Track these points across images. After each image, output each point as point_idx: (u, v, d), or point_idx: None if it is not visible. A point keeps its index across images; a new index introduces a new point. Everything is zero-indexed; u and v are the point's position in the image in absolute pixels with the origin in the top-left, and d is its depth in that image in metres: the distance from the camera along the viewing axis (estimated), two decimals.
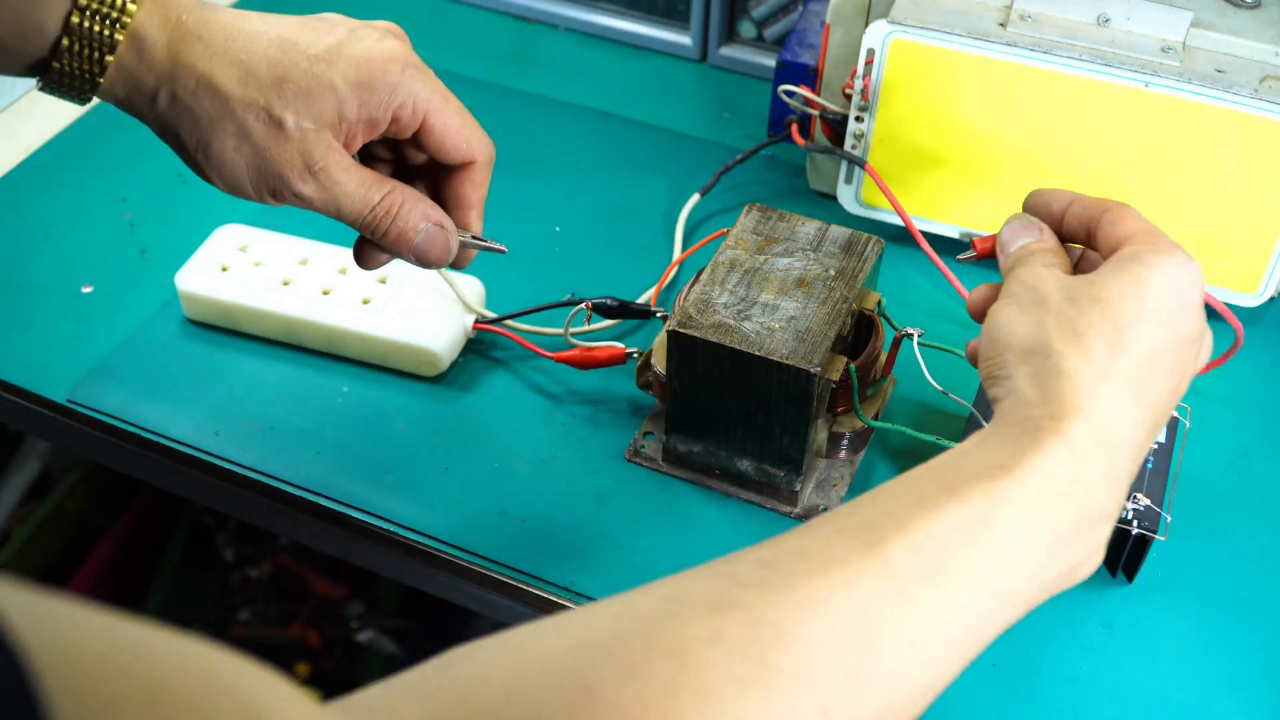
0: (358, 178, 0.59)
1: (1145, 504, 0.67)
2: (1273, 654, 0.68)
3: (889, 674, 0.44)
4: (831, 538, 0.47)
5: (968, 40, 0.80)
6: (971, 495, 0.48)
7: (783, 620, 0.43)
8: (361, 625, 1.45)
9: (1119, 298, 0.53)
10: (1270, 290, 0.82)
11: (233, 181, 0.58)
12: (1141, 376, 0.52)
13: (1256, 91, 0.77)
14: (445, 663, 0.41)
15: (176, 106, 0.57)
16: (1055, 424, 0.50)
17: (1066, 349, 0.52)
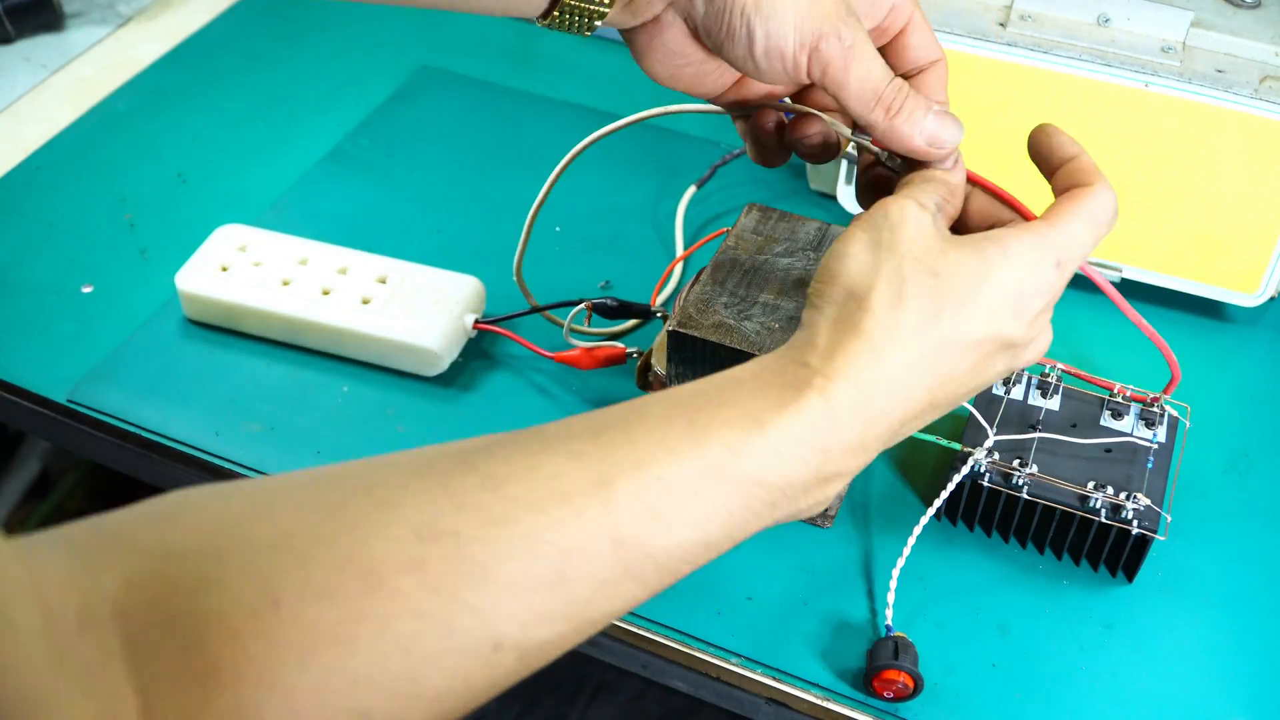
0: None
1: (1145, 504, 0.67)
2: (1273, 654, 0.68)
3: (572, 609, 0.46)
4: (566, 463, 0.47)
5: (968, 40, 0.80)
6: (714, 447, 0.48)
7: (488, 559, 0.44)
8: None
9: (955, 278, 0.51)
10: (1270, 290, 0.82)
11: (779, 31, 0.55)
12: (938, 362, 0.51)
13: (1256, 91, 0.77)
14: (157, 513, 0.43)
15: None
16: (824, 383, 0.50)
17: (879, 309, 0.51)
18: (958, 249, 0.52)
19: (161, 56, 1.09)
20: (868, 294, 0.51)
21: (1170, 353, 0.66)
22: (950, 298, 0.51)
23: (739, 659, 0.67)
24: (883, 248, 0.52)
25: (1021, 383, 0.74)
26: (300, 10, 1.15)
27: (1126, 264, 0.84)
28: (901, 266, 0.51)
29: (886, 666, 0.64)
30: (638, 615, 0.69)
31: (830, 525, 0.73)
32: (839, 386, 0.50)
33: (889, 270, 0.51)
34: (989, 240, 0.53)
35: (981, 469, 0.69)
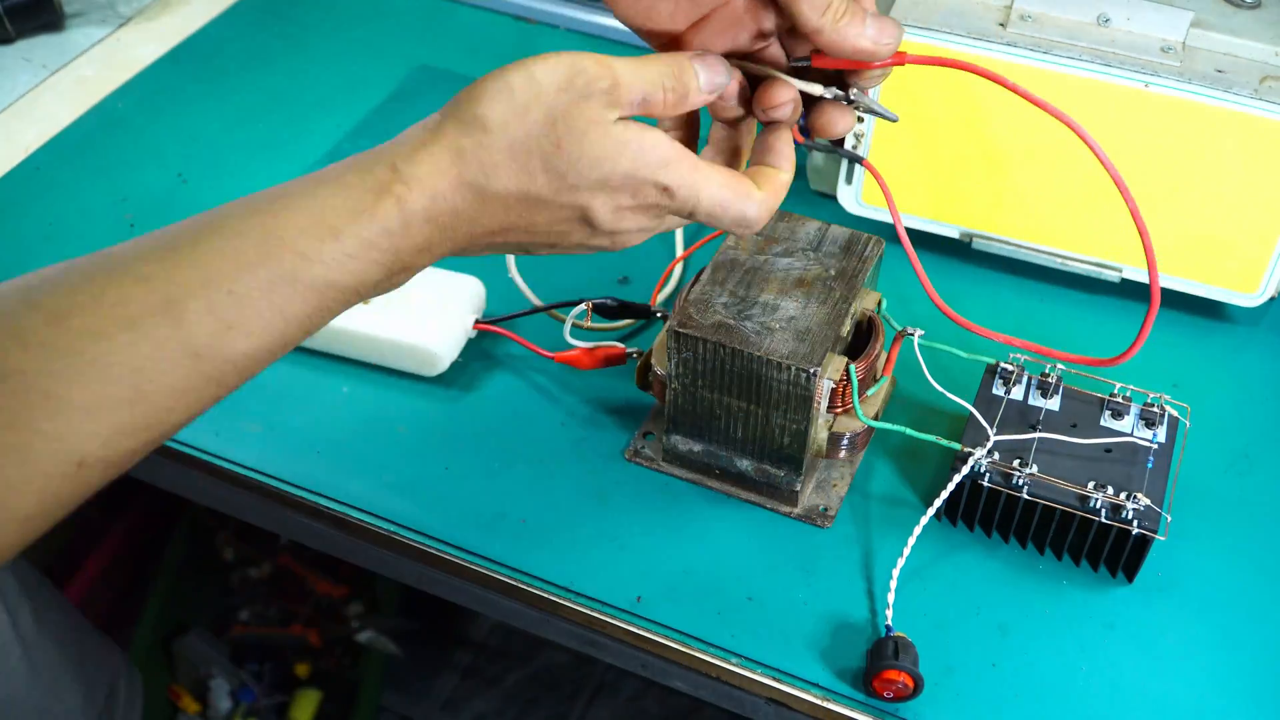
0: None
1: (1145, 504, 0.67)
2: (1273, 654, 0.68)
3: (153, 419, 0.49)
4: (132, 287, 0.49)
5: (968, 40, 0.80)
6: (287, 256, 0.50)
7: (55, 387, 0.47)
8: (361, 625, 1.45)
9: (575, 155, 0.53)
10: (1270, 290, 0.82)
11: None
12: (516, 209, 0.54)
13: (1256, 91, 0.77)
14: None
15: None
16: (404, 190, 0.52)
17: (488, 152, 0.53)
18: (603, 135, 0.54)
19: (161, 56, 1.09)
20: (494, 129, 0.53)
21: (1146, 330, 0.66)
22: (559, 169, 0.54)
23: (739, 659, 0.67)
24: (540, 101, 0.53)
25: (1022, 383, 0.74)
26: (300, 10, 1.15)
27: (1126, 264, 0.84)
28: (538, 126, 0.53)
29: (886, 666, 0.64)
30: (637, 615, 0.69)
31: (830, 525, 0.73)
32: (416, 196, 0.52)
33: (529, 122, 0.53)
34: (644, 136, 0.55)
35: (981, 469, 0.69)
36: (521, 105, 0.54)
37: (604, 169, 0.54)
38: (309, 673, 1.45)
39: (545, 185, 0.54)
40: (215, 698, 1.42)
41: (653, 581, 0.70)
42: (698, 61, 0.58)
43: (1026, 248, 0.86)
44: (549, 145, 0.53)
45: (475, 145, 0.53)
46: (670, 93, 0.57)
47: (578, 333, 0.79)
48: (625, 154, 0.54)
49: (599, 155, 0.54)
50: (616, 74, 0.55)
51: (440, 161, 0.53)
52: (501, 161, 0.54)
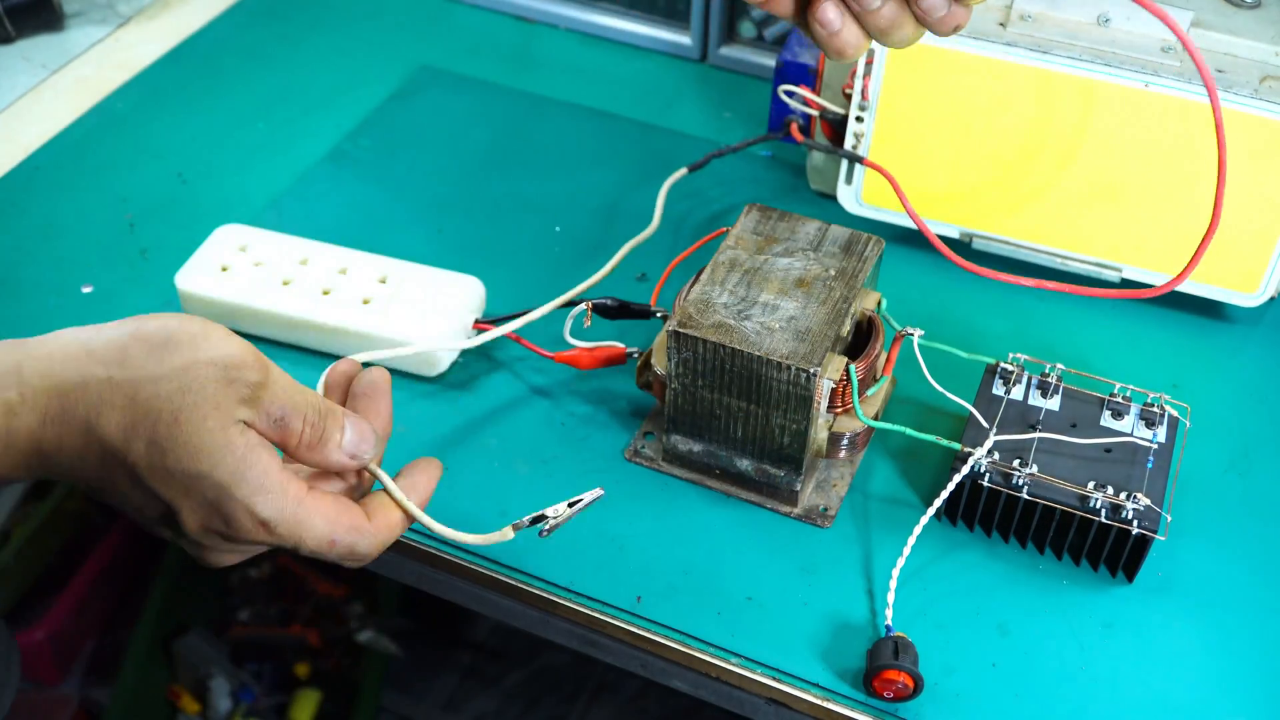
0: None
1: (1145, 504, 0.67)
2: (1273, 654, 0.68)
3: None
4: None
5: (968, 40, 0.80)
6: None
7: None
8: (361, 625, 1.45)
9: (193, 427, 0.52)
10: (1270, 290, 0.82)
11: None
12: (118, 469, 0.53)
13: (1256, 91, 0.77)
14: None
15: None
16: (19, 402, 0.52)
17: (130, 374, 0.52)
18: (220, 429, 0.52)
19: (161, 56, 1.09)
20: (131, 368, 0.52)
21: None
22: (164, 445, 0.52)
23: (739, 659, 0.67)
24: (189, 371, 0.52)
25: (1021, 383, 0.74)
26: (300, 10, 1.15)
27: (1126, 264, 0.84)
28: (171, 390, 0.51)
29: (886, 666, 0.64)
30: (637, 615, 0.69)
31: (830, 525, 0.73)
32: (26, 412, 0.52)
33: (166, 383, 0.52)
34: (251, 452, 0.53)
35: (981, 469, 0.69)
36: (168, 360, 0.52)
37: (201, 466, 0.52)
38: (309, 673, 1.45)
39: (141, 456, 0.52)
40: (215, 698, 1.42)
41: (653, 581, 0.70)
42: (349, 419, 0.57)
43: (1026, 248, 0.86)
44: (168, 414, 0.51)
45: (104, 378, 0.52)
46: (310, 427, 0.55)
47: (578, 332, 0.79)
48: (226, 460, 0.52)
49: (202, 448, 0.52)
50: (270, 377, 0.54)
51: (63, 384, 0.52)
52: (118, 405, 0.52)
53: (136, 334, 0.53)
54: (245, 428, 0.53)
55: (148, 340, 0.52)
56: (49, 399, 0.52)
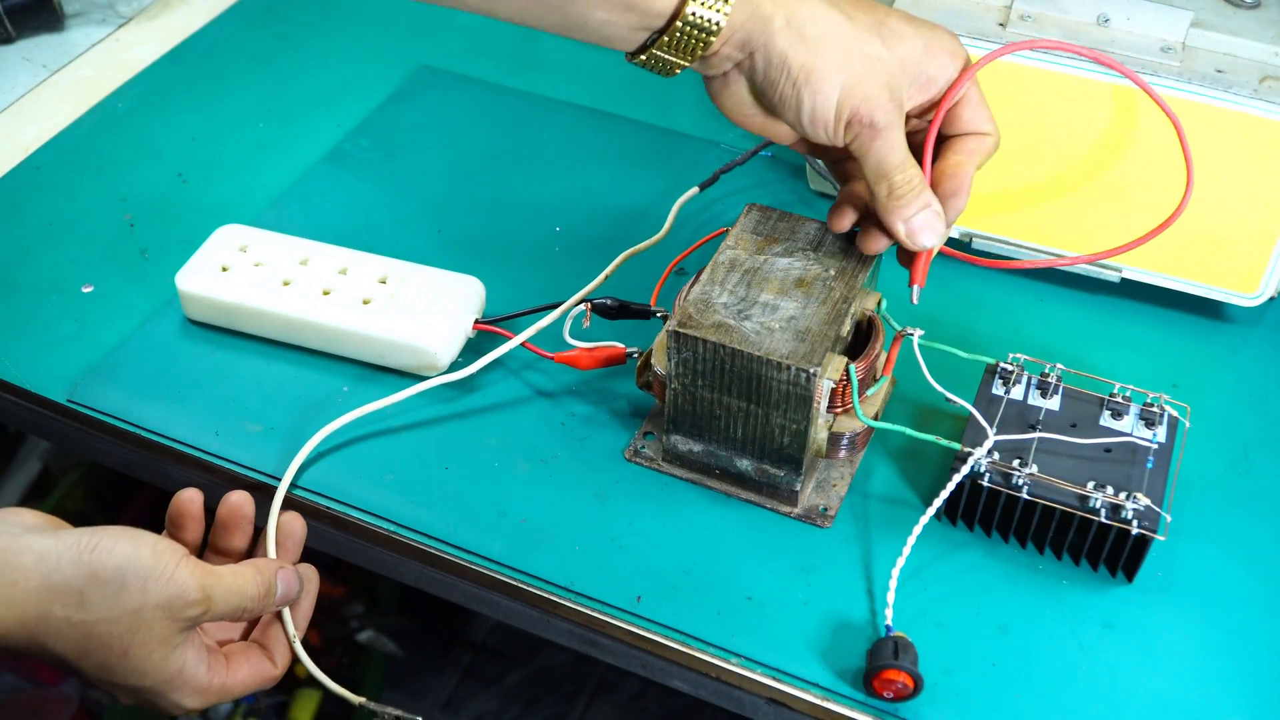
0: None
1: (1145, 504, 0.67)
2: (1273, 654, 0.68)
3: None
4: None
5: (968, 40, 0.80)
6: None
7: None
8: (361, 625, 1.45)
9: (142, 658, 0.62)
10: (1270, 290, 0.82)
11: (824, 105, 0.64)
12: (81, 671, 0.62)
13: (1256, 91, 0.77)
14: None
15: (792, 31, 0.63)
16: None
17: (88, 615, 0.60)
18: (164, 658, 0.61)
19: (161, 56, 1.09)
20: (88, 609, 0.59)
21: None
22: (111, 668, 0.61)
23: (739, 659, 0.67)
24: (141, 613, 0.60)
25: (1021, 383, 0.74)
26: (300, 10, 1.15)
27: (1126, 264, 0.84)
28: (122, 628, 0.60)
29: (886, 666, 0.64)
30: (637, 615, 0.69)
31: (830, 525, 0.73)
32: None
33: (118, 623, 0.60)
34: (187, 666, 0.63)
35: (981, 469, 0.69)
36: (122, 605, 0.60)
37: (144, 683, 0.61)
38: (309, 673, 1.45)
39: (93, 669, 0.60)
40: None
41: (653, 581, 0.70)
42: (280, 578, 0.67)
43: (1026, 248, 0.86)
44: (119, 649, 0.60)
45: (64, 619, 0.59)
46: (249, 613, 0.65)
47: (578, 332, 0.79)
48: (164, 677, 0.62)
49: (148, 671, 0.61)
50: (211, 603, 0.62)
51: (27, 614, 0.58)
52: (76, 639, 0.59)
53: (94, 577, 0.59)
54: (184, 645, 0.62)
55: (105, 585, 0.59)
56: (11, 626, 0.58)
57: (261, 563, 0.66)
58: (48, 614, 0.59)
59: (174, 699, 0.63)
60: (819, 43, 0.63)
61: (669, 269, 0.84)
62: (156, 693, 0.62)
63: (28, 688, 1.44)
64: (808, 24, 0.63)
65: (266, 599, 0.65)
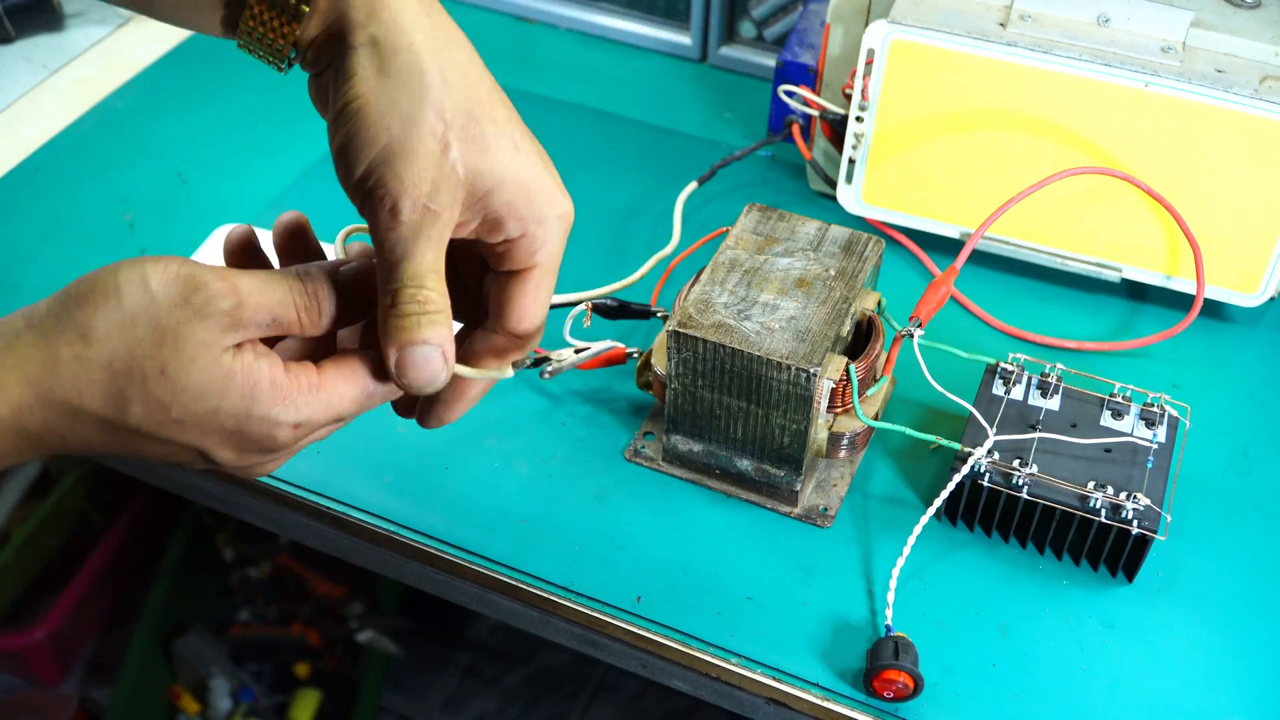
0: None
1: (1145, 504, 0.67)
2: (1273, 654, 0.68)
3: None
4: None
5: (968, 40, 0.80)
6: None
7: None
8: (361, 625, 1.45)
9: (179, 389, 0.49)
10: (1270, 290, 0.82)
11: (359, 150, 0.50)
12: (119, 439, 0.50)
13: (1256, 91, 0.77)
14: None
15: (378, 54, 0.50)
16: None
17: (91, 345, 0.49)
18: (212, 364, 0.49)
19: (161, 56, 1.09)
20: (94, 340, 0.48)
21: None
22: (161, 399, 0.49)
23: (739, 659, 0.67)
24: (149, 315, 0.48)
25: (1021, 383, 0.74)
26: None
27: (1127, 264, 0.84)
28: (142, 344, 0.48)
29: (886, 666, 0.64)
30: (637, 615, 0.69)
31: (830, 525, 0.73)
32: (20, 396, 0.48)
33: (133, 338, 0.48)
34: (252, 370, 0.49)
35: (981, 469, 0.69)
36: (129, 317, 0.48)
37: (209, 404, 0.49)
38: (309, 673, 1.46)
39: (144, 415, 0.49)
40: (215, 698, 1.42)
41: (653, 581, 0.70)
42: (326, 273, 0.53)
43: (1026, 248, 0.86)
44: (153, 369, 0.48)
45: (72, 357, 0.48)
46: (305, 312, 0.51)
47: (578, 332, 0.79)
48: (232, 391, 0.49)
49: (203, 388, 0.48)
50: (241, 293, 0.49)
51: (29, 369, 0.48)
52: (98, 379, 0.48)
53: (85, 301, 0.49)
54: (236, 350, 0.49)
55: (101, 301, 0.49)
56: (18, 390, 0.48)
57: (294, 268, 0.52)
58: (54, 360, 0.48)
59: (264, 414, 0.50)
60: (397, 80, 0.49)
61: (669, 269, 0.84)
62: (238, 415, 0.49)
63: (27, 688, 1.44)
64: (397, 53, 0.49)
65: (319, 293, 0.52)
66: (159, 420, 0.49)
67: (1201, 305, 0.81)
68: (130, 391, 0.48)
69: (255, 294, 0.50)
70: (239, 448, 0.51)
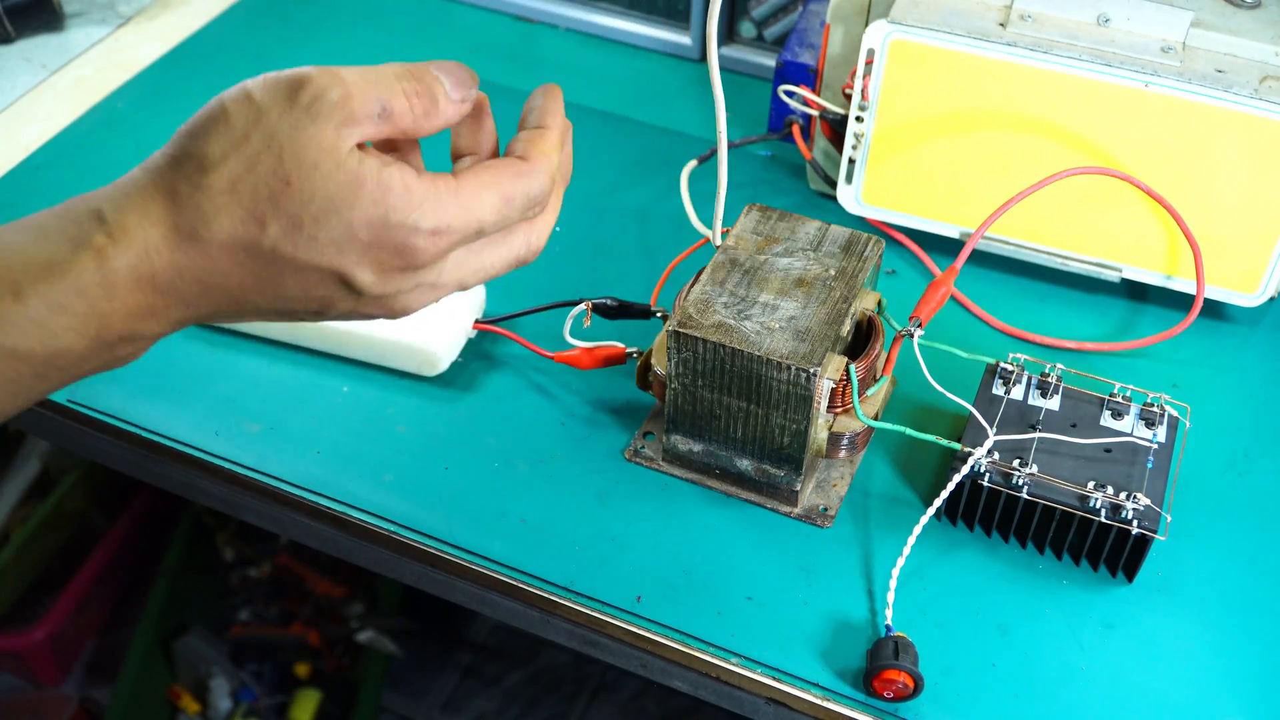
0: None
1: (1145, 504, 0.67)
2: (1273, 654, 0.68)
3: None
4: None
5: (968, 40, 0.80)
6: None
7: None
8: (361, 625, 1.45)
9: (308, 195, 0.46)
10: (1270, 290, 0.82)
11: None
12: (256, 270, 0.47)
13: (1256, 91, 0.77)
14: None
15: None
16: (106, 243, 0.45)
17: (211, 187, 0.46)
18: (336, 168, 0.46)
19: (161, 56, 1.09)
20: (211, 166, 0.46)
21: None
22: (292, 212, 0.46)
23: (739, 659, 0.67)
24: (261, 126, 0.46)
25: (1021, 383, 0.74)
26: (300, 10, 1.15)
27: (1127, 264, 0.84)
28: (261, 159, 0.46)
29: (886, 666, 0.64)
30: (637, 615, 0.69)
31: (830, 525, 0.73)
32: (120, 251, 0.45)
33: (249, 154, 0.46)
34: (382, 174, 0.47)
35: (981, 469, 0.69)
36: (240, 133, 0.47)
37: (343, 214, 0.46)
38: (309, 673, 1.46)
39: (279, 235, 0.46)
40: (215, 698, 1.42)
41: (653, 581, 0.70)
42: (435, 68, 0.50)
43: (1026, 248, 0.86)
44: (277, 182, 0.46)
45: (191, 188, 0.46)
46: (416, 98, 0.48)
47: (578, 332, 0.79)
48: (363, 197, 0.46)
49: (331, 196, 0.46)
50: (347, 83, 0.47)
51: (151, 208, 0.46)
52: (223, 205, 0.46)
53: (196, 133, 0.47)
54: (358, 151, 0.47)
55: (209, 130, 0.47)
56: (142, 232, 0.46)
57: (396, 64, 0.50)
58: (174, 195, 0.46)
59: (402, 220, 0.47)
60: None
61: (669, 269, 0.84)
62: (375, 223, 0.46)
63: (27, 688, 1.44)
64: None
65: (425, 79, 0.49)
66: (294, 240, 0.46)
67: (1201, 305, 0.82)
68: (260, 209, 0.46)
69: (361, 83, 0.47)
70: (378, 266, 0.48)
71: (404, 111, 0.48)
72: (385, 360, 0.81)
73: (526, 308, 0.82)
